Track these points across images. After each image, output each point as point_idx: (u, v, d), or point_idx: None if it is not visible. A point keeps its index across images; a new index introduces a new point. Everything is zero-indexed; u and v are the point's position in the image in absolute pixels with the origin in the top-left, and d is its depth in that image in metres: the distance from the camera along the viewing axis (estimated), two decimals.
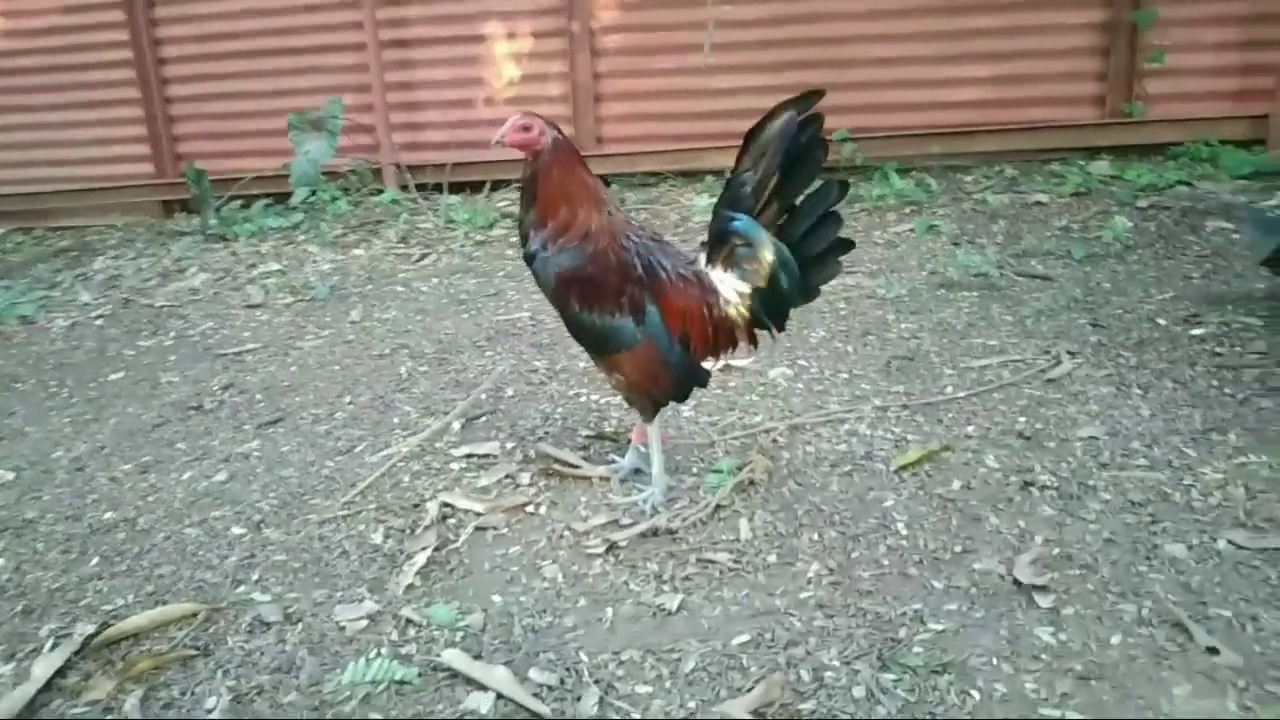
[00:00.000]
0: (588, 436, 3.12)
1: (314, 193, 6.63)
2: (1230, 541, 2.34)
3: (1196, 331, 3.61)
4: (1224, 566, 2.26)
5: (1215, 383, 3.18)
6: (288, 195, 6.73)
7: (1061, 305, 3.96)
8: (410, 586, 2.41)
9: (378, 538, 2.64)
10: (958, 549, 2.39)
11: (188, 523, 2.81)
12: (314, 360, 4.04)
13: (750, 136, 2.42)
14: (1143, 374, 3.28)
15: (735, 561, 2.40)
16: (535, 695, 1.99)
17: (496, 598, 2.36)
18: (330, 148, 6.33)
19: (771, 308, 2.48)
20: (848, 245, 2.47)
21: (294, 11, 7.04)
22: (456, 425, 3.27)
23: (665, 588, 2.33)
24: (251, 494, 2.94)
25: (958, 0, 6.28)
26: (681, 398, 2.63)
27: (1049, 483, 2.66)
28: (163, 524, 2.81)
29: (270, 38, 7.10)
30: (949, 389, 3.29)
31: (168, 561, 2.61)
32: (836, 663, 2.02)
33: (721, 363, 2.62)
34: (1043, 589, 2.20)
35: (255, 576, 2.51)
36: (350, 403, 3.57)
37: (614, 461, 2.90)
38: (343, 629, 2.26)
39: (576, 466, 2.90)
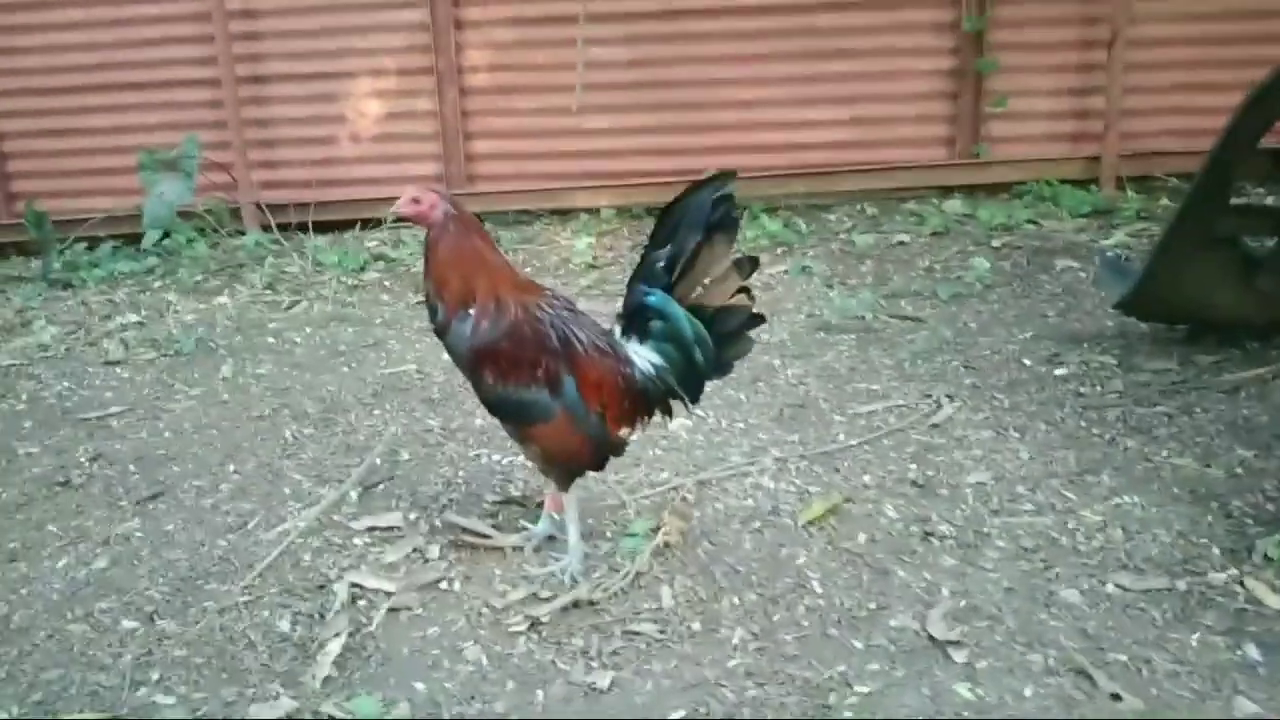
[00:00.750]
0: (495, 502, 3.08)
1: (167, 234, 6.31)
2: (1117, 585, 2.51)
3: (1060, 372, 3.86)
4: (1114, 610, 2.42)
5: (1083, 423, 3.41)
6: (138, 237, 6.38)
7: (935, 347, 4.16)
8: (328, 679, 2.32)
9: (284, 625, 2.54)
10: (872, 605, 2.48)
11: (70, 617, 2.62)
12: (188, 424, 3.84)
13: (666, 213, 2.46)
14: (1017, 416, 3.48)
15: (661, 632, 2.42)
16: None
17: (420, 685, 2.30)
18: (188, 189, 6.06)
19: (686, 382, 2.52)
20: (759, 320, 2.53)
21: (138, 45, 6.69)
22: (353, 494, 3.17)
23: (594, 664, 2.32)
24: (138, 580, 2.77)
25: (814, 46, 6.52)
26: (598, 467, 2.63)
27: (947, 532, 2.79)
28: (42, 620, 2.62)
29: (113, 71, 6.73)
30: (841, 436, 3.41)
31: (53, 664, 2.43)
32: None
33: (637, 433, 2.64)
34: (956, 644, 2.30)
35: (155, 676, 2.37)
36: (235, 472, 3.41)
37: (526, 529, 2.88)
38: None
39: (487, 536, 2.86)
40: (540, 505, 2.99)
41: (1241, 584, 2.47)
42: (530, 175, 6.85)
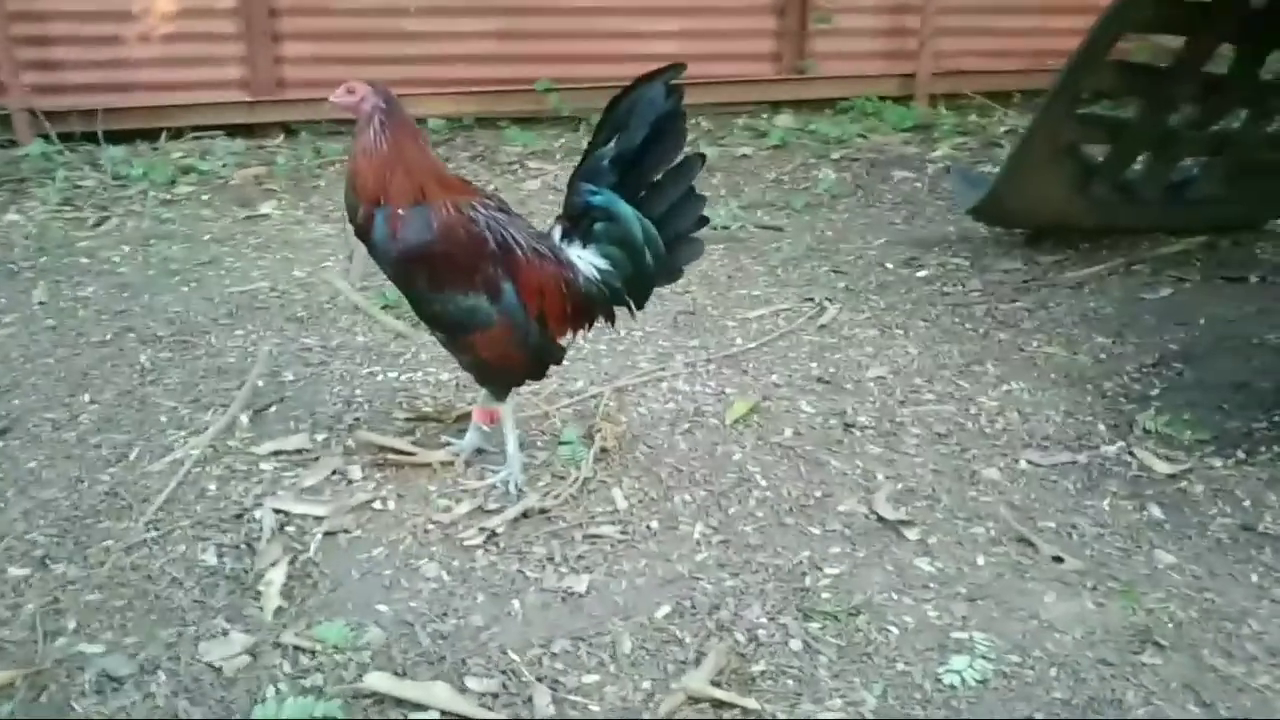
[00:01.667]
0: (408, 419, 2.92)
1: None
2: (1029, 461, 2.71)
3: (921, 274, 4.08)
4: (1032, 483, 2.62)
5: (956, 320, 3.63)
6: None
7: (801, 254, 4.28)
8: (279, 610, 2.15)
9: (209, 558, 2.32)
10: (817, 494, 2.56)
11: None
12: (16, 353, 3.39)
13: (611, 107, 2.37)
14: (895, 315, 3.66)
15: (622, 533, 2.40)
16: (482, 705, 1.88)
17: (383, 608, 2.17)
18: None
19: (634, 286, 2.45)
20: (704, 221, 2.49)
21: None
22: (244, 419, 2.92)
23: (563, 570, 2.28)
24: (14, 524, 2.44)
25: None
26: (538, 376, 2.55)
27: (866, 423, 2.91)
28: None
29: None
30: (738, 340, 3.46)
31: None
32: (764, 620, 2.10)
33: (577, 339, 2.57)
34: (906, 523, 2.42)
35: (70, 625, 2.11)
36: (92, 402, 3.05)
37: (449, 444, 2.75)
38: (219, 670, 1.98)
39: (411, 454, 2.71)
40: (460, 419, 2.87)
41: (1131, 454, 2.73)
42: (347, 81, 6.39)
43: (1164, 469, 2.65)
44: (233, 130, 6.11)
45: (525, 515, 2.46)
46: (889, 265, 4.17)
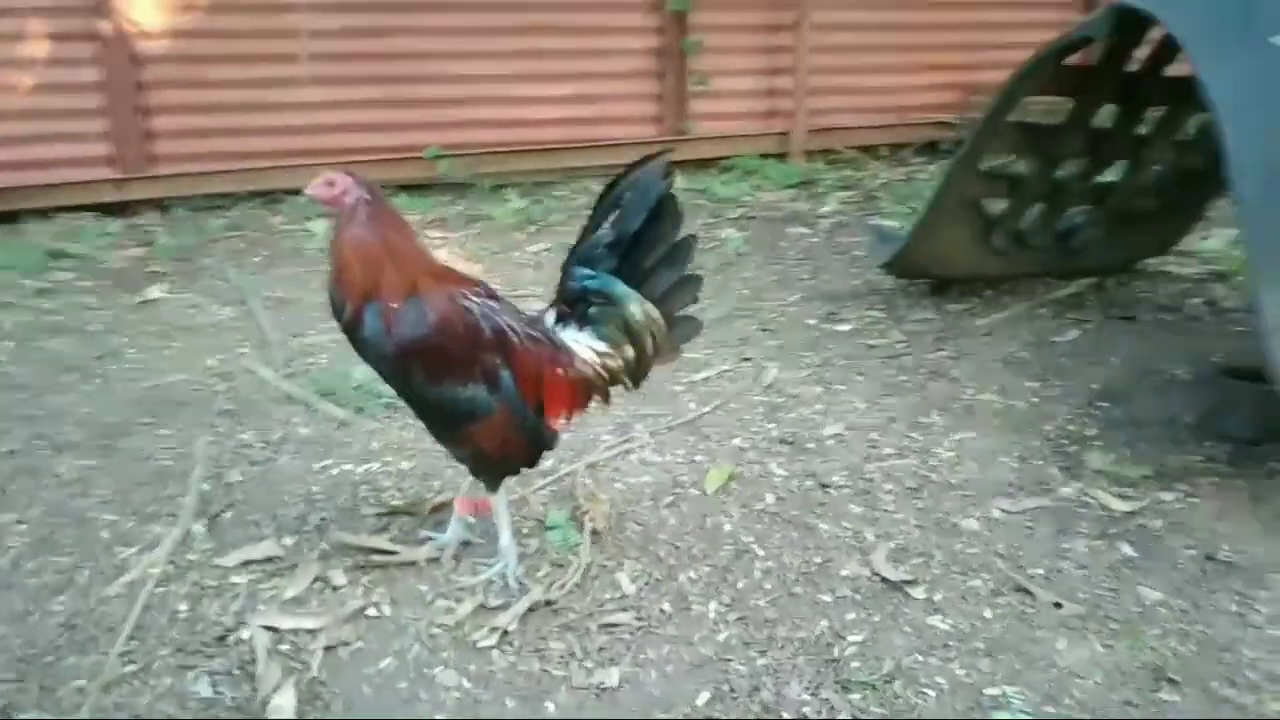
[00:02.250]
0: (378, 515, 2.80)
1: None
2: (1001, 509, 2.83)
3: (843, 328, 4.22)
4: (1010, 531, 2.73)
5: (889, 371, 3.76)
6: None
7: (728, 314, 4.36)
8: None
9: (203, 689, 2.15)
10: (818, 560, 2.59)
11: None
12: None
13: (605, 194, 2.37)
14: (831, 371, 3.77)
15: (638, 619, 2.36)
16: None
17: None
18: None
19: (634, 367, 2.44)
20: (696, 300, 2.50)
21: None
22: (198, 528, 2.73)
23: (588, 665, 2.22)
24: None
25: (527, 21, 6.49)
26: (533, 464, 2.49)
27: (840, 482, 2.97)
28: None
29: None
30: (692, 405, 3.49)
31: None
32: (807, 696, 2.11)
33: (572, 424, 2.53)
34: (910, 582, 2.48)
35: None
36: (19, 521, 2.79)
37: (430, 538, 2.65)
38: None
39: (393, 553, 2.60)
40: (435, 511, 2.78)
41: (1088, 494, 2.89)
42: (226, 155, 6.17)
43: (1121, 507, 2.82)
44: (102, 209, 5.77)
45: (532, 609, 2.38)
46: (810, 321, 4.29)
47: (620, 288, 2.36)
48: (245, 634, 2.30)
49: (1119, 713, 2.05)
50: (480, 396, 2.30)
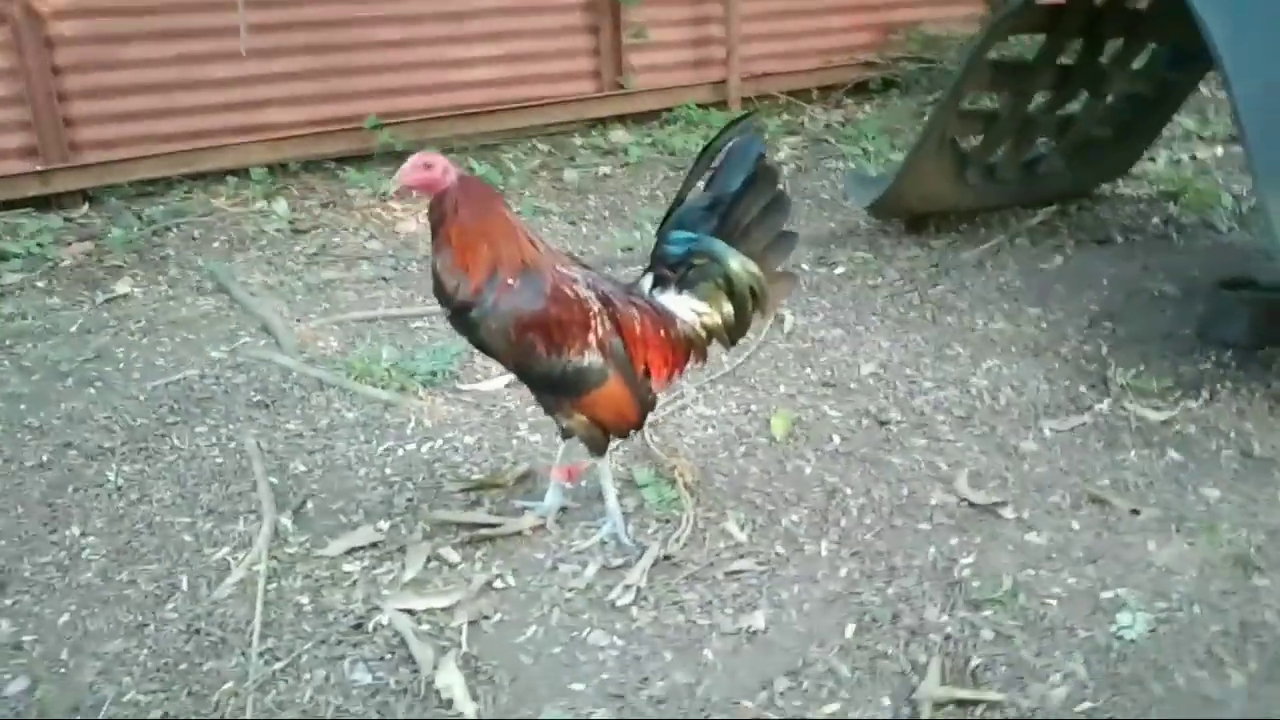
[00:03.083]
0: (463, 490, 2.81)
1: None
2: (1051, 429, 3.02)
3: (839, 270, 4.36)
4: (1066, 448, 2.92)
5: (899, 309, 3.92)
6: None
7: None
8: (479, 713, 2.04)
9: (363, 677, 2.16)
10: (904, 492, 2.73)
11: None
12: None
13: (703, 154, 2.43)
14: (845, 314, 3.90)
15: (760, 564, 2.45)
16: None
17: (579, 686, 2.12)
18: None
19: (733, 324, 2.50)
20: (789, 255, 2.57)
21: None
22: (286, 522, 2.69)
23: (729, 611, 2.31)
24: (95, 689, 2.14)
25: None
26: (640, 427, 2.55)
27: (897, 417, 3.11)
28: None
29: None
30: (724, 358, 3.56)
31: None
32: (945, 618, 2.24)
33: (672, 385, 2.59)
34: (1000, 504, 2.64)
35: None
36: (85, 534, 2.70)
37: (529, 508, 2.68)
38: None
39: (497, 525, 2.62)
40: (520, 481, 2.81)
41: (1123, 408, 3.10)
42: (154, 137, 5.87)
43: (1155, 417, 3.04)
44: (32, 204, 5.43)
45: (654, 565, 2.45)
46: (804, 266, 4.41)
47: (721, 245, 2.41)
48: (383, 619, 2.30)
49: (1225, 601, 2.25)
50: (596, 364, 2.33)
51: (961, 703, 2.00)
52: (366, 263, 4.69)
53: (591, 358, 2.33)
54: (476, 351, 3.51)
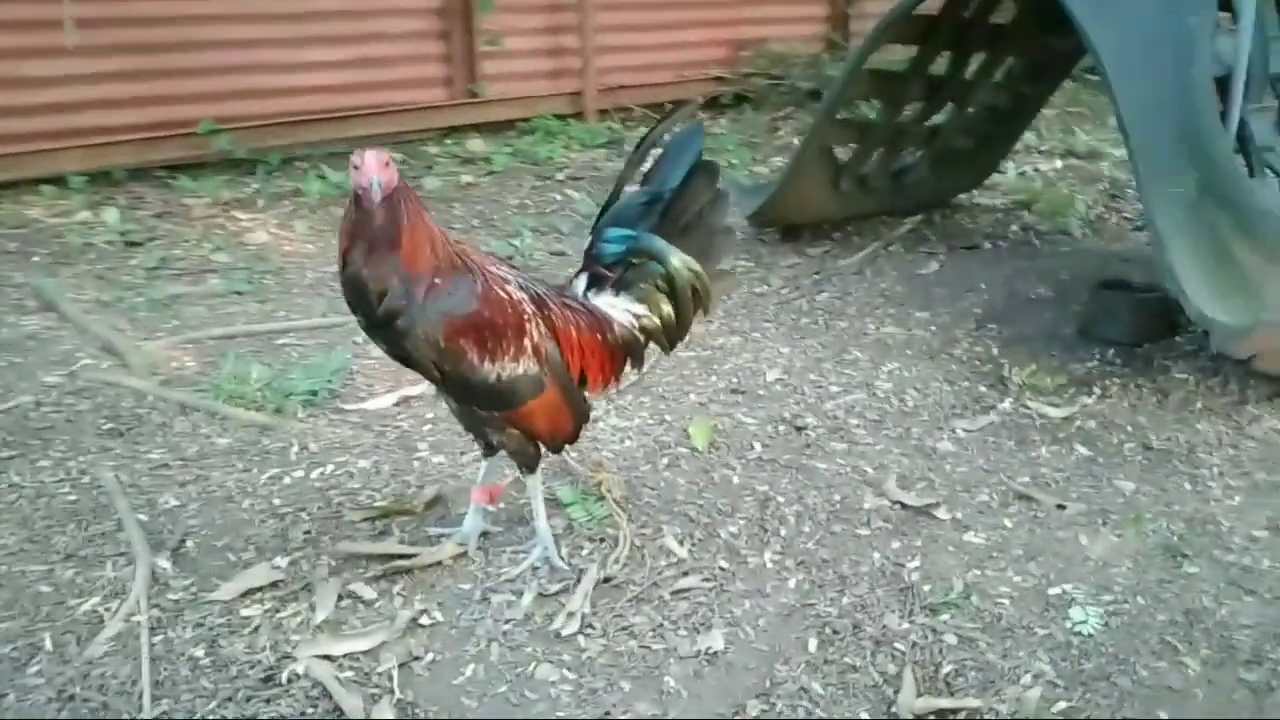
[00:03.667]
0: (366, 519, 2.54)
1: None
2: (963, 429, 3.03)
3: None
4: (980, 448, 2.94)
5: (791, 316, 3.90)
6: None
7: None
8: None
9: None
10: (836, 497, 2.66)
11: None
12: None
13: (641, 147, 2.29)
14: (739, 321, 3.83)
15: (705, 580, 2.32)
16: None
17: None
18: None
19: (673, 327, 2.35)
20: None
21: None
22: (164, 564, 2.36)
23: (682, 633, 2.16)
24: None
25: None
26: (575, 440, 2.36)
27: (811, 422, 3.06)
28: None
29: None
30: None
31: None
32: (906, 625, 2.17)
33: (609, 393, 2.42)
34: (933, 505, 2.61)
35: None
36: None
37: (444, 534, 2.46)
38: None
39: (413, 555, 2.38)
40: (431, 506, 2.58)
41: (1025, 406, 3.16)
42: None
43: (1056, 414, 3.11)
44: None
45: (594, 588, 2.28)
46: None
47: (661, 243, 2.28)
48: (297, 667, 2.03)
49: (1164, 590, 2.29)
50: (533, 372, 2.15)
51: (941, 712, 1.92)
52: (215, 276, 4.29)
53: (527, 365, 2.14)
54: (357, 369, 3.30)
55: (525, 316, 2.14)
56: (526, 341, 2.14)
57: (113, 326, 3.71)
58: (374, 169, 1.93)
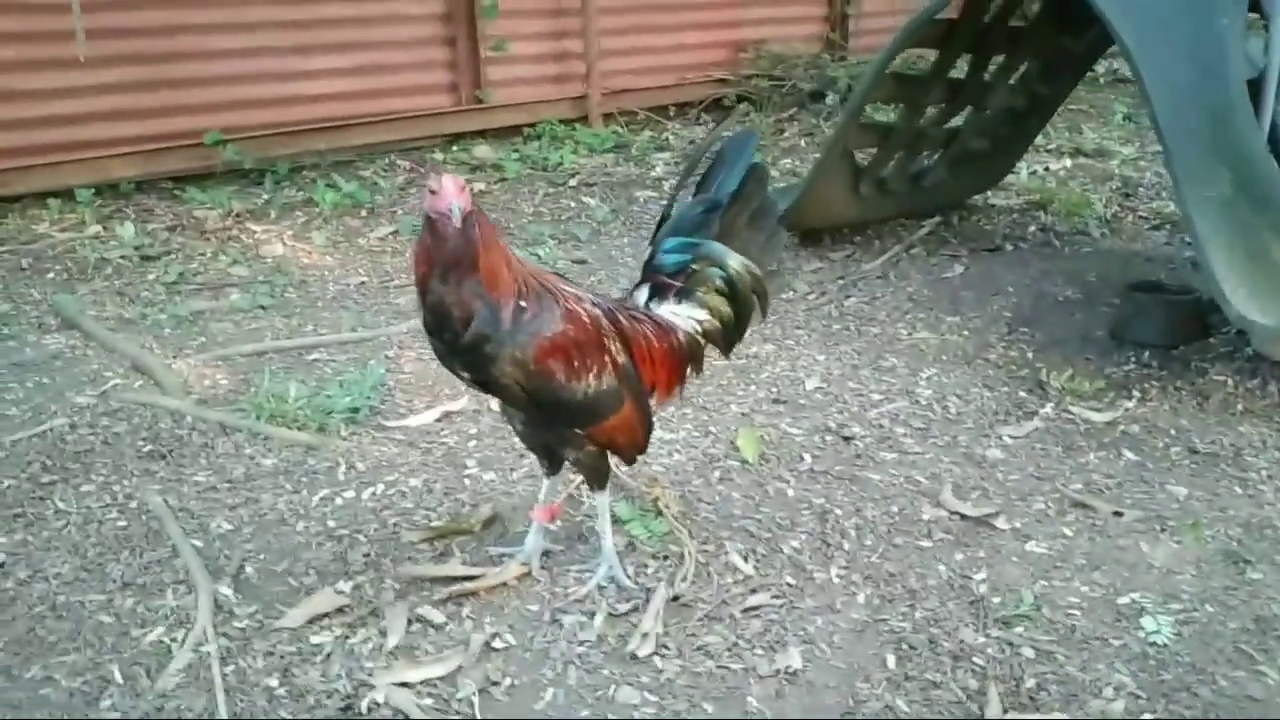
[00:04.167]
0: (427, 539, 2.52)
1: None
2: (1010, 436, 3.04)
3: None
4: (1029, 454, 2.94)
5: (823, 322, 3.90)
6: None
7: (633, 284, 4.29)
8: None
9: None
10: (894, 509, 2.66)
11: None
12: None
13: (694, 160, 2.29)
14: (772, 329, 3.82)
15: (775, 598, 2.31)
16: None
17: None
18: None
19: (734, 328, 2.35)
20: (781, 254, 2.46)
21: None
22: (226, 591, 2.33)
23: (758, 651, 2.15)
24: None
25: None
26: (645, 450, 2.36)
27: (855, 432, 3.05)
28: None
29: None
30: None
31: None
32: (982, 639, 2.17)
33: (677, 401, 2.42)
34: (990, 515, 2.61)
35: None
36: None
37: (507, 554, 2.44)
38: None
39: (478, 577, 2.36)
40: (488, 525, 2.56)
41: (1068, 411, 3.17)
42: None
43: (1099, 418, 3.12)
44: None
45: (663, 608, 2.27)
46: None
47: (720, 248, 2.27)
48: (377, 696, 2.00)
49: (1230, 596, 2.30)
50: (613, 388, 2.15)
51: None
52: (236, 290, 4.25)
53: (609, 380, 2.13)
54: (394, 384, 3.27)
55: (604, 333, 2.13)
56: (607, 358, 2.13)
57: (140, 344, 3.67)
58: (452, 193, 1.91)
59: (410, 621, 2.22)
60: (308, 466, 2.86)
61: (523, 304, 2.01)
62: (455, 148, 6.38)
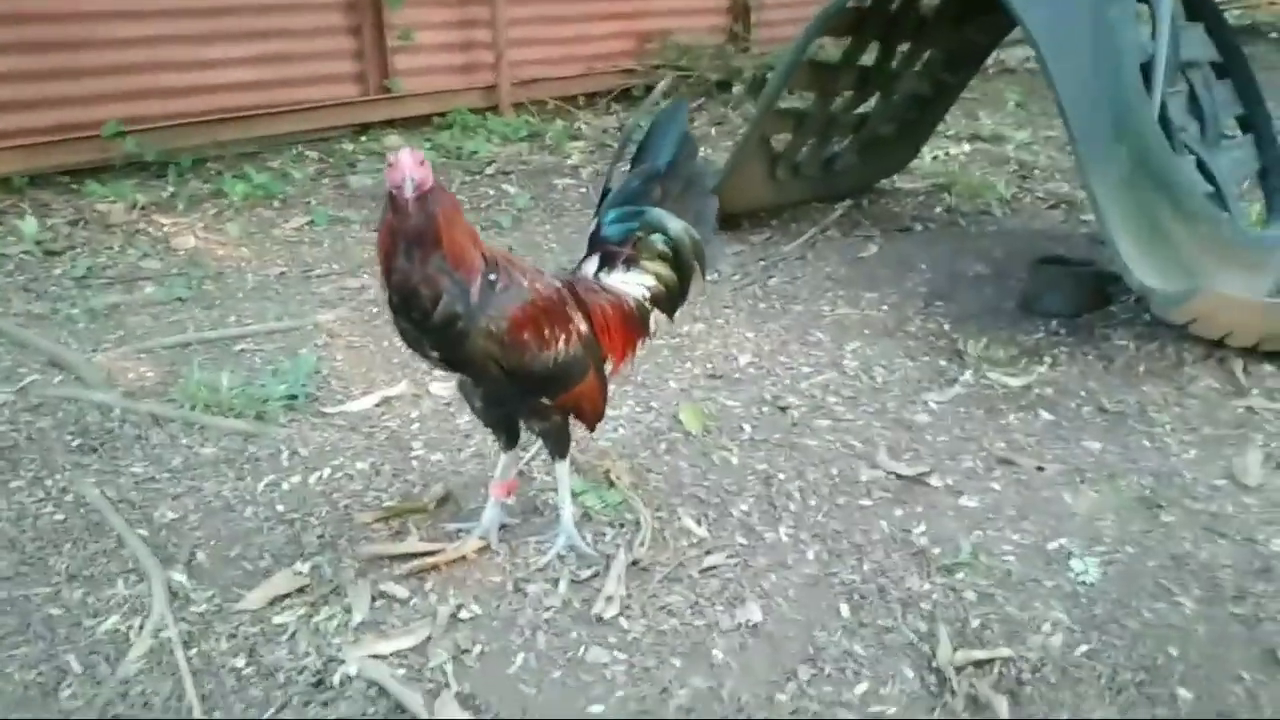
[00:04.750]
0: (378, 520, 2.53)
1: None
2: (936, 401, 3.19)
3: None
4: (953, 418, 3.09)
5: (749, 300, 4.01)
6: None
7: (556, 268, 4.33)
8: None
9: None
10: (833, 472, 2.77)
11: None
12: None
13: (627, 133, 2.33)
14: (700, 309, 3.91)
15: (730, 557, 2.39)
16: None
17: (597, 708, 1.97)
18: None
19: (677, 292, 2.42)
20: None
21: None
22: (180, 578, 2.30)
23: (719, 608, 2.23)
24: None
25: None
26: (603, 418, 2.41)
27: (790, 403, 3.16)
28: None
29: None
30: None
31: None
32: (927, 585, 2.29)
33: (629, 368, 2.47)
34: (924, 474, 2.74)
35: None
36: None
37: (464, 529, 2.47)
38: None
39: (438, 552, 2.38)
40: (442, 503, 2.59)
41: (986, 377, 3.34)
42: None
43: (1016, 383, 3.29)
44: None
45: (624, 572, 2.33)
46: None
47: (661, 213, 2.34)
48: (349, 669, 2.01)
49: (1150, 539, 2.47)
50: (580, 355, 2.20)
51: (979, 663, 2.04)
52: (149, 284, 4.14)
53: (575, 349, 2.19)
54: (326, 372, 3.25)
55: (565, 301, 2.18)
56: (571, 326, 2.18)
57: (54, 339, 3.55)
58: (408, 166, 1.92)
59: (374, 598, 2.23)
60: (249, 454, 2.83)
61: (492, 277, 2.04)
62: (365, 138, 6.31)
